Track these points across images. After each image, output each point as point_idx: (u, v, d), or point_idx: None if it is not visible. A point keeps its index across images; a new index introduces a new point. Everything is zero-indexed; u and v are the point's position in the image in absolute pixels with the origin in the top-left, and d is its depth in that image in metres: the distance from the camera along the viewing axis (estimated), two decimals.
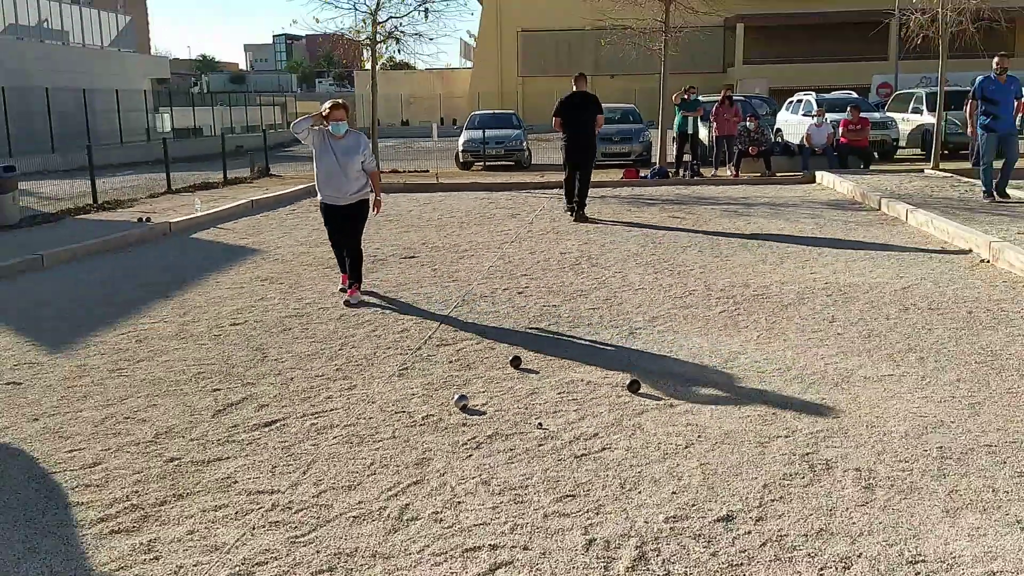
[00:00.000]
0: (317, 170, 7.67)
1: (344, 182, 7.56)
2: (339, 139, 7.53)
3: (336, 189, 7.61)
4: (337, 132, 7.51)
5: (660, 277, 8.26)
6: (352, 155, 7.51)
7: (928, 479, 3.83)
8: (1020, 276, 7.79)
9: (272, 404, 5.05)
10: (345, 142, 7.54)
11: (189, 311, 7.45)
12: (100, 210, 14.49)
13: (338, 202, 7.66)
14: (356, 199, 7.69)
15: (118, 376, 5.67)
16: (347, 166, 7.51)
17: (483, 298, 7.62)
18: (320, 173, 7.65)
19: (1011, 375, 5.18)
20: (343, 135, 7.53)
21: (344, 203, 7.66)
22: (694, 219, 12.04)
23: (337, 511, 3.69)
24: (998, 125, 12.08)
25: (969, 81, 29.04)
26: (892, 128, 21.30)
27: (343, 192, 7.61)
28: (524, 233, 11.27)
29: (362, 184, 7.67)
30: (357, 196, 7.68)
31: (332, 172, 7.55)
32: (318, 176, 7.69)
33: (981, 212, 11.21)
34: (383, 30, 18.21)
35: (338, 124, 7.47)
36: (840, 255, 9.10)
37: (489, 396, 5.08)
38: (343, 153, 7.50)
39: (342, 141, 7.53)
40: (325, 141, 7.53)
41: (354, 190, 7.63)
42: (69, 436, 4.63)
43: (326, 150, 7.52)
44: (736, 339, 6.13)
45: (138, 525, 3.61)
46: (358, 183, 7.64)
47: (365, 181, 7.70)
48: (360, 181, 7.65)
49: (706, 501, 3.68)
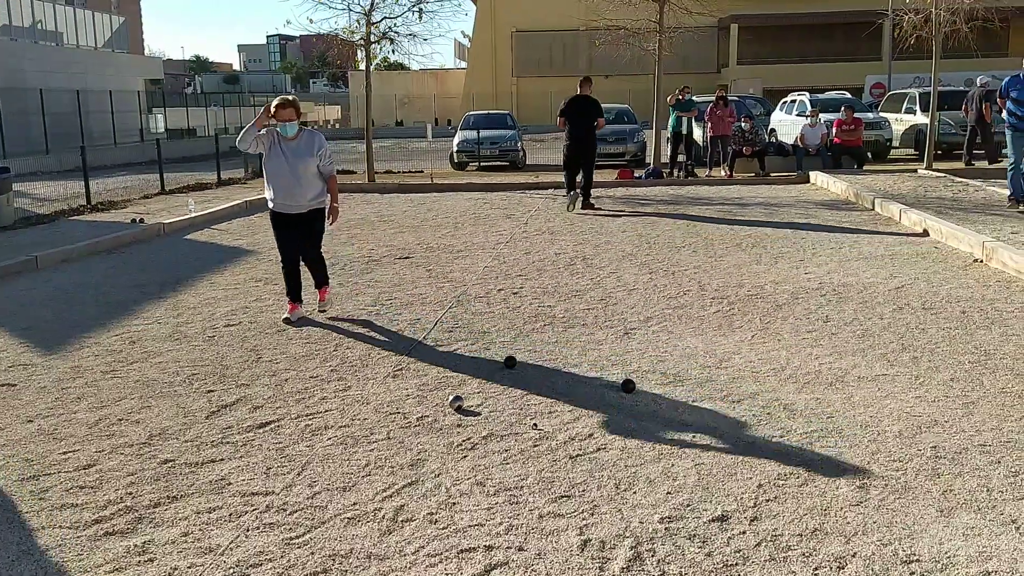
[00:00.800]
0: (265, 175, 6.89)
1: (298, 188, 6.76)
2: (290, 140, 6.74)
3: (289, 197, 6.80)
4: (287, 133, 6.72)
5: (655, 277, 8.27)
6: (305, 157, 6.73)
7: (922, 479, 3.84)
8: (1013, 275, 7.82)
9: (266, 405, 5.04)
10: (297, 144, 6.75)
11: (183, 312, 7.43)
12: (94, 211, 14.46)
13: (291, 211, 6.86)
14: (313, 207, 6.90)
15: (112, 377, 5.65)
16: (300, 170, 6.72)
17: (478, 299, 7.61)
18: (269, 178, 6.85)
19: (1005, 374, 5.19)
20: (295, 136, 6.76)
21: (298, 212, 6.86)
22: (688, 219, 12.05)
23: (332, 512, 3.69)
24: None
25: (963, 81, 28.93)
26: (886, 128, 21.36)
27: (297, 200, 6.81)
28: (519, 234, 11.27)
29: (319, 190, 6.90)
30: (314, 204, 6.90)
31: (283, 177, 6.75)
32: (267, 182, 6.88)
33: (975, 212, 11.25)
34: (377, 31, 18.17)
35: (287, 125, 6.68)
36: (834, 255, 9.12)
37: (484, 397, 5.08)
38: (295, 156, 6.72)
39: (293, 143, 6.75)
40: (275, 143, 6.75)
41: (310, 197, 6.85)
42: (63, 438, 4.61)
43: (276, 153, 6.74)
44: (730, 339, 6.13)
45: (132, 527, 3.60)
46: (314, 189, 6.85)
47: (322, 186, 6.92)
48: (317, 187, 6.87)
49: (701, 501, 3.69)
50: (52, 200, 16.11)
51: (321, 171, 6.85)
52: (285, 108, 6.65)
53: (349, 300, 7.71)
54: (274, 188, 6.82)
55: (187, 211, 13.76)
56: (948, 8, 16.33)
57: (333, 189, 6.99)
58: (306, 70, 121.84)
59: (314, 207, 6.91)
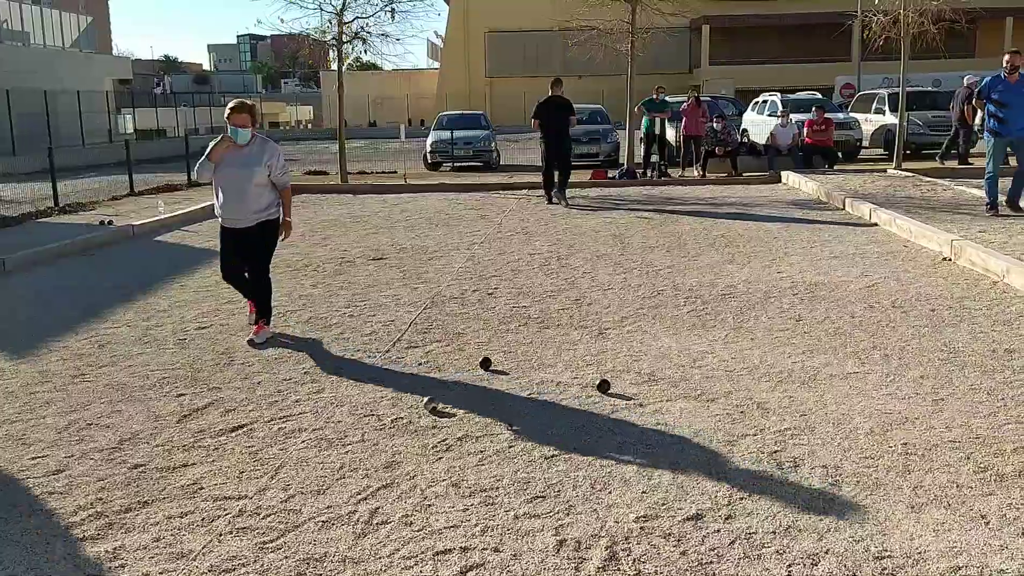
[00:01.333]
0: (214, 184, 6.38)
1: (244, 200, 6.23)
2: (241, 148, 6.22)
3: (236, 209, 6.27)
4: (240, 139, 6.20)
5: (629, 277, 8.30)
6: (254, 167, 6.19)
7: (893, 475, 3.88)
8: (981, 274, 7.92)
9: (239, 408, 4.99)
10: (247, 152, 6.22)
11: (153, 315, 7.35)
12: (62, 213, 14.27)
13: (237, 224, 6.32)
14: (260, 220, 6.33)
15: (81, 382, 5.58)
16: (248, 180, 6.19)
17: (452, 299, 7.60)
18: (216, 188, 6.36)
19: (973, 372, 5.26)
20: (247, 143, 6.24)
21: (245, 225, 6.32)
22: (662, 219, 12.11)
23: (306, 516, 3.66)
24: (1007, 129, 10.67)
25: (931, 82, 29.22)
26: (855, 128, 21.60)
27: (245, 212, 6.27)
28: (493, 234, 11.26)
29: (269, 202, 6.34)
30: (262, 216, 6.33)
31: (230, 187, 6.24)
32: (215, 192, 6.41)
33: (943, 211, 11.39)
34: (349, 30, 18.08)
35: (239, 130, 6.18)
36: (806, 254, 9.20)
37: (459, 398, 5.06)
38: (243, 165, 6.19)
39: (244, 150, 6.22)
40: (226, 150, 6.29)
41: (258, 209, 6.29)
42: (32, 443, 4.54)
43: (226, 162, 6.22)
44: (704, 338, 6.17)
45: (103, 533, 3.56)
46: (262, 201, 6.30)
47: (273, 198, 6.37)
48: (265, 199, 6.31)
49: (676, 500, 3.70)
50: (19, 202, 15.87)
51: (273, 181, 6.34)
52: (240, 112, 6.18)
53: (323, 302, 7.66)
54: (221, 198, 6.35)
55: (157, 212, 13.61)
56: (916, 10, 16.53)
57: (287, 202, 6.48)
58: (277, 70, 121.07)
59: (263, 220, 6.35)
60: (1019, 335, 5.99)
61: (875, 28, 17.15)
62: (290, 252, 9.82)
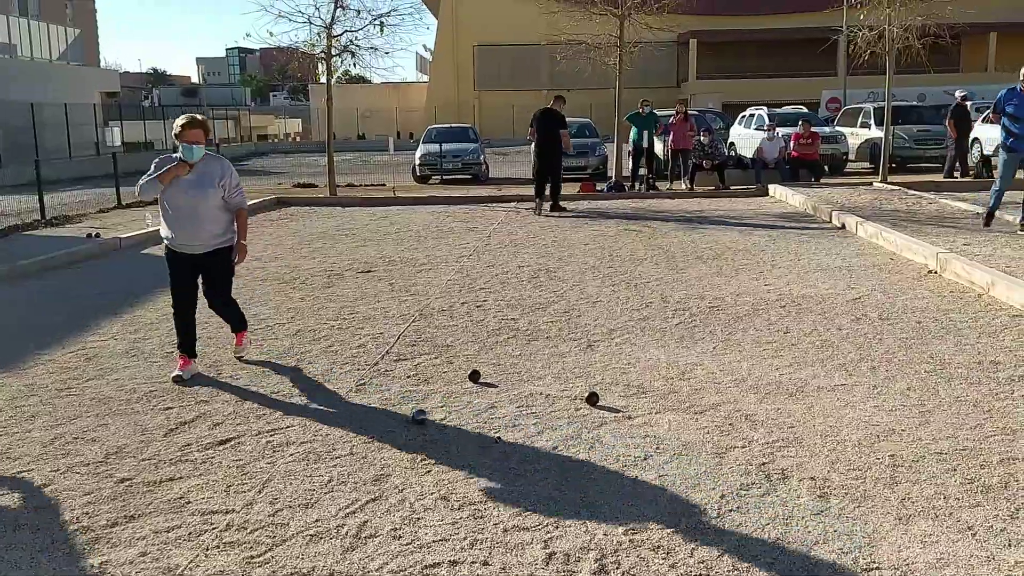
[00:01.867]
0: (160, 205, 5.89)
1: (200, 223, 5.76)
2: (191, 167, 5.74)
3: (188, 235, 5.79)
4: (191, 157, 5.70)
5: (617, 290, 8.31)
6: (206, 188, 5.72)
7: (881, 487, 3.89)
8: (967, 286, 7.98)
9: (226, 422, 4.97)
10: (199, 171, 5.75)
11: (140, 328, 7.31)
12: (48, 226, 14.21)
13: (191, 250, 5.85)
14: (216, 246, 5.88)
15: (67, 395, 5.54)
16: (203, 202, 5.73)
17: (441, 312, 7.59)
18: (165, 210, 5.86)
19: (959, 383, 5.29)
20: (198, 161, 5.76)
21: (202, 251, 5.85)
22: (650, 232, 12.15)
23: (294, 530, 3.64)
24: (1020, 145, 10.35)
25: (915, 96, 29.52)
26: (842, 142, 21.77)
27: (198, 238, 5.80)
28: (482, 247, 11.27)
29: (226, 225, 5.91)
30: (220, 242, 5.89)
31: (184, 211, 5.75)
32: (162, 215, 5.91)
33: (929, 224, 11.47)
34: (338, 44, 18.11)
35: (192, 147, 5.68)
36: (793, 267, 9.24)
37: (447, 411, 5.06)
38: (193, 186, 5.71)
39: (195, 169, 5.75)
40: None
41: (213, 234, 5.83)
42: (17, 457, 4.51)
43: (176, 183, 5.74)
44: (693, 351, 6.18)
45: (89, 547, 3.53)
46: (218, 225, 5.84)
47: (229, 220, 5.94)
48: (220, 222, 5.85)
49: (664, 512, 3.70)
50: (6, 215, 15.78)
51: (227, 202, 5.86)
52: (194, 128, 5.66)
53: (311, 314, 7.64)
54: (170, 223, 5.84)
55: (144, 225, 13.56)
56: (901, 25, 16.70)
57: (242, 224, 6.02)
58: (266, 83, 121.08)
59: (218, 246, 5.90)
60: (1004, 347, 6.03)
61: (861, 43, 17.31)
62: (278, 265, 9.80)
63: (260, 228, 13.69)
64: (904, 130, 21.12)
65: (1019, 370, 5.51)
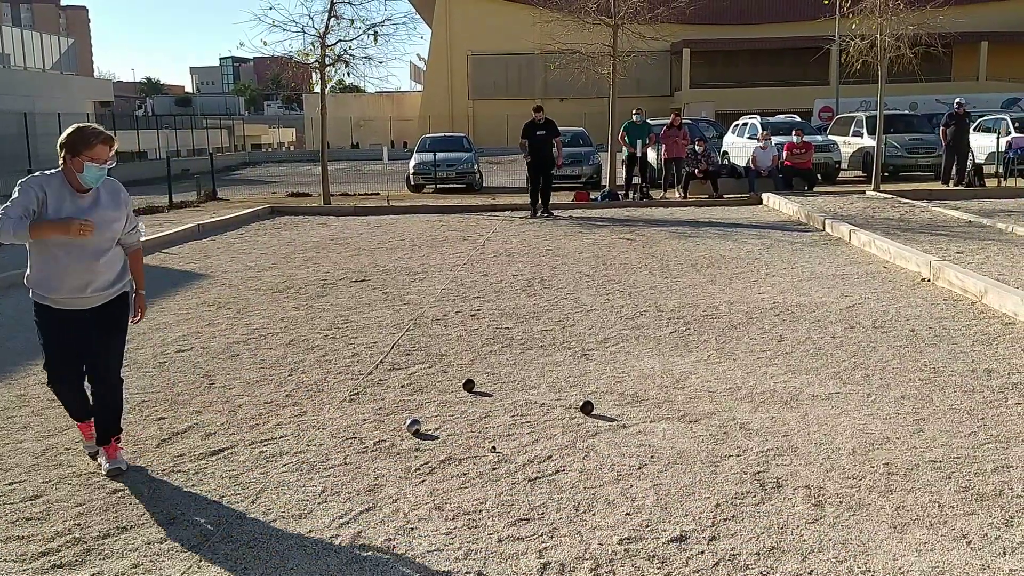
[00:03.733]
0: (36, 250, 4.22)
1: (97, 268, 4.25)
2: (84, 195, 4.21)
3: (83, 284, 4.24)
4: (90, 182, 4.19)
5: (611, 298, 8.31)
6: (112, 223, 4.30)
7: (876, 495, 3.89)
8: (960, 294, 8.00)
9: (219, 432, 4.95)
10: (94, 198, 4.25)
11: (133, 338, 7.28)
12: None
13: (85, 304, 4.29)
14: (111, 296, 4.37)
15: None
16: (107, 239, 4.29)
17: (435, 321, 7.58)
18: (44, 255, 4.21)
19: (953, 391, 5.30)
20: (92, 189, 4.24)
21: (95, 304, 4.32)
22: (644, 240, 12.16)
23: (287, 541, 3.62)
24: None
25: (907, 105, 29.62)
26: (834, 151, 21.84)
27: (98, 285, 4.28)
28: (476, 255, 11.27)
29: (123, 266, 4.45)
30: (114, 291, 4.38)
31: (75, 253, 4.18)
32: (37, 261, 4.25)
33: (921, 232, 11.51)
34: (332, 53, 18.13)
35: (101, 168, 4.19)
36: (787, 275, 9.26)
37: (442, 420, 5.05)
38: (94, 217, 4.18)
39: (89, 198, 4.22)
40: (63, 198, 4.16)
41: (113, 279, 4.36)
42: (8, 468, 4.48)
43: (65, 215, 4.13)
44: (687, 359, 6.18)
45: (81, 559, 3.50)
46: (112, 271, 4.35)
47: (124, 263, 4.47)
48: (119, 262, 4.41)
49: (659, 522, 3.69)
50: None
51: (123, 242, 4.44)
52: (107, 144, 4.21)
53: (305, 324, 7.63)
54: (52, 272, 4.21)
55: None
56: (893, 34, 16.79)
57: (138, 267, 4.56)
58: (260, 92, 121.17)
59: (116, 294, 4.41)
60: (998, 355, 6.04)
61: (853, 52, 17.39)
62: (272, 275, 9.78)
63: (254, 237, 13.67)
64: (896, 139, 21.21)
65: (1013, 378, 5.52)
